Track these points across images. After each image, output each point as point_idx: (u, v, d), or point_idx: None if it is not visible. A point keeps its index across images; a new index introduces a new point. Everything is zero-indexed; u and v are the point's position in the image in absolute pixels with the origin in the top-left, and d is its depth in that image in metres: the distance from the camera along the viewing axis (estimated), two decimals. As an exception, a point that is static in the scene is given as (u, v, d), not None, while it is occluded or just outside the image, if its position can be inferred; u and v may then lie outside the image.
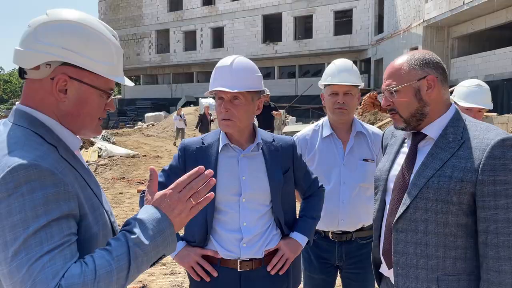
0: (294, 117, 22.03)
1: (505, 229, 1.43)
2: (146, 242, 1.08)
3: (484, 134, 1.51)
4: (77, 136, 1.25)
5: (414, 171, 1.60)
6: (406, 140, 1.73)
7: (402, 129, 1.66)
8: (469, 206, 1.50)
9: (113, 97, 1.30)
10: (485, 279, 1.46)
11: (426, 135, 1.62)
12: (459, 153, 1.51)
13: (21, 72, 1.17)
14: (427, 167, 1.55)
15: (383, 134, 1.91)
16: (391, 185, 1.69)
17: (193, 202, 1.18)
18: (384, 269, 1.75)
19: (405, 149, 1.71)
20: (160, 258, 1.14)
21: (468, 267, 1.52)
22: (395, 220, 1.60)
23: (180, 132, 18.47)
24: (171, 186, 1.18)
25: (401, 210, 1.58)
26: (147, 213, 1.14)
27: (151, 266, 1.14)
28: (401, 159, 1.69)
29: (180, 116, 18.79)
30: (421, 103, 1.59)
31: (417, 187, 1.55)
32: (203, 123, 16.36)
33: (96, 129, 1.28)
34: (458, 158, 1.50)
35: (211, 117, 16.37)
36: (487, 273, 1.45)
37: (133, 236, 1.08)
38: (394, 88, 1.61)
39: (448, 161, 1.52)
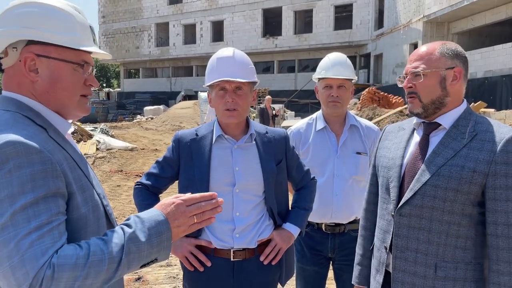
0: (293, 112, 22.03)
1: None
2: (142, 239, 1.09)
3: (497, 129, 1.55)
4: (67, 120, 1.26)
5: (425, 159, 1.62)
6: (415, 131, 1.74)
7: (417, 114, 1.66)
8: (476, 197, 1.53)
9: (93, 72, 1.30)
10: (495, 269, 1.49)
11: (439, 125, 1.64)
12: (472, 144, 1.54)
13: None
14: (438, 155, 1.58)
15: (386, 128, 1.91)
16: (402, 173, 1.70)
17: (195, 220, 1.19)
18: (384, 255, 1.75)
19: (415, 139, 1.71)
20: (152, 262, 1.14)
21: (466, 257, 1.55)
22: (400, 205, 1.62)
23: None
24: (183, 197, 1.19)
25: (408, 195, 1.60)
26: (150, 213, 1.15)
27: (141, 267, 1.14)
28: (411, 149, 1.70)
29: None
30: (444, 92, 1.61)
31: (427, 174, 1.57)
32: (265, 119, 12.97)
33: (80, 107, 1.27)
34: (471, 149, 1.53)
35: (274, 111, 13.37)
36: (497, 264, 1.48)
37: (129, 231, 1.10)
38: (422, 71, 1.62)
39: (460, 151, 1.54)
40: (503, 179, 1.48)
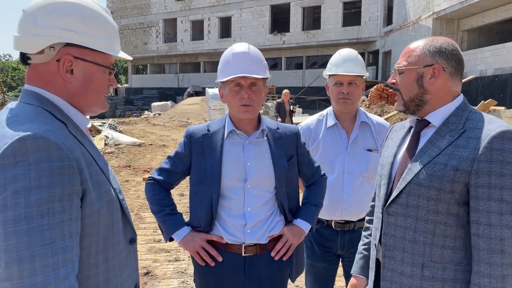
0: (301, 109, 21.99)
1: (497, 221, 1.40)
2: None
3: (486, 125, 1.48)
4: (85, 116, 1.30)
5: (413, 157, 1.60)
6: (412, 129, 1.72)
7: (402, 111, 1.67)
8: (462, 196, 1.48)
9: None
10: (476, 270, 1.45)
11: (429, 123, 1.61)
12: (458, 142, 1.50)
13: (24, 58, 1.20)
14: (424, 154, 1.55)
15: (392, 127, 1.90)
16: (395, 171, 1.69)
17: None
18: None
19: (410, 137, 1.70)
20: None
21: (456, 257, 1.50)
22: (387, 203, 1.61)
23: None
24: None
25: (394, 194, 1.59)
26: None
27: None
28: (404, 147, 1.69)
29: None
30: (421, 90, 1.58)
31: (412, 173, 1.55)
32: (280, 114, 12.05)
33: (103, 105, 1.33)
34: (456, 146, 1.49)
35: (292, 106, 12.36)
36: (478, 265, 1.44)
37: None
38: (399, 68, 1.61)
39: (445, 149, 1.51)
40: (486, 177, 1.42)
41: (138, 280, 1.44)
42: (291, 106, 12.38)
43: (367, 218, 1.97)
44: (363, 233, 1.96)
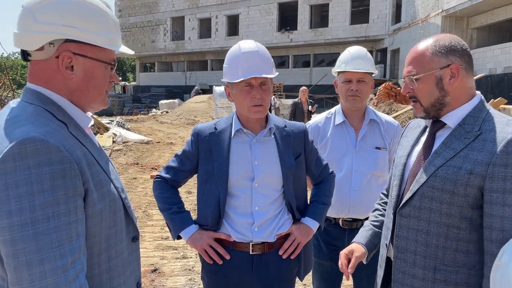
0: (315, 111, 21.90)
1: (511, 227, 1.37)
2: None
3: (503, 128, 1.44)
4: (87, 114, 1.29)
5: (427, 159, 1.57)
6: (427, 129, 1.69)
7: (422, 118, 1.63)
8: (476, 199, 1.45)
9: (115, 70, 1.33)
10: (488, 275, 1.41)
11: (445, 124, 1.57)
12: (474, 144, 1.46)
13: (24, 54, 1.19)
14: (439, 156, 1.52)
15: (408, 124, 1.87)
16: (408, 172, 1.66)
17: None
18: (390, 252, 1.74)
19: (425, 138, 1.67)
20: None
21: (469, 261, 1.48)
22: (400, 205, 1.59)
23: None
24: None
25: (407, 196, 1.57)
26: None
27: None
28: (418, 147, 1.66)
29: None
30: (442, 92, 1.53)
31: (425, 175, 1.52)
32: (297, 115, 10.24)
33: (104, 101, 1.31)
34: (472, 149, 1.45)
35: (311, 107, 10.49)
36: (490, 271, 1.41)
37: None
38: (415, 76, 1.56)
39: (460, 152, 1.47)
40: (501, 182, 1.38)
41: (140, 277, 1.44)
42: (310, 106, 10.56)
43: (376, 205, 1.97)
44: (372, 213, 1.94)
